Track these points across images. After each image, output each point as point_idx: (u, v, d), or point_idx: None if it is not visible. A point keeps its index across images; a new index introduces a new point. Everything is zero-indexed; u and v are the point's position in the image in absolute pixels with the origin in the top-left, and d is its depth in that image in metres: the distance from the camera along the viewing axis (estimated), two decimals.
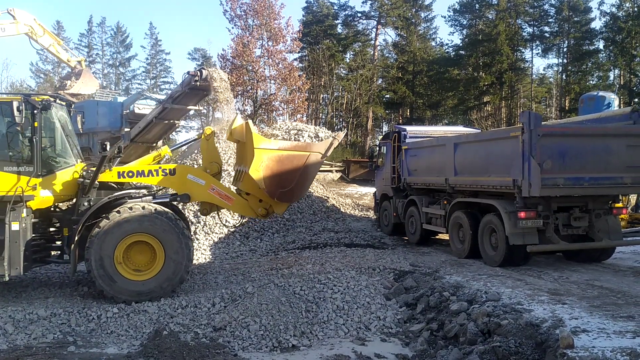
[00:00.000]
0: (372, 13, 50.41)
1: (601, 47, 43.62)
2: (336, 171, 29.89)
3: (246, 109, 37.15)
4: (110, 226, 8.70)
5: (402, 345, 7.35)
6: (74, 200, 9.33)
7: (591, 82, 43.66)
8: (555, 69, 50.44)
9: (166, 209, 9.26)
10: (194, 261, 11.27)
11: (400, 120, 49.19)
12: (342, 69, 50.00)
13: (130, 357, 6.70)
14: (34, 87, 55.56)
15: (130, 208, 8.89)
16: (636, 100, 38.41)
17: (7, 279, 8.38)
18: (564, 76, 46.79)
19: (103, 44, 66.40)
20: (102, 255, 8.66)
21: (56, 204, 9.37)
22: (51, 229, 9.43)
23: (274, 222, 16.47)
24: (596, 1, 60.02)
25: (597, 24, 44.84)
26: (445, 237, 13.22)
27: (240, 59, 35.43)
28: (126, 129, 19.04)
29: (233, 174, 11.34)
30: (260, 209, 10.08)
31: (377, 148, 17.56)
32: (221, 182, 10.69)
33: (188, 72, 17.52)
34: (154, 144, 20.27)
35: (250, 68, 36.03)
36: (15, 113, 8.24)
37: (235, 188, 10.52)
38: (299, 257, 12.62)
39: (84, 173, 9.20)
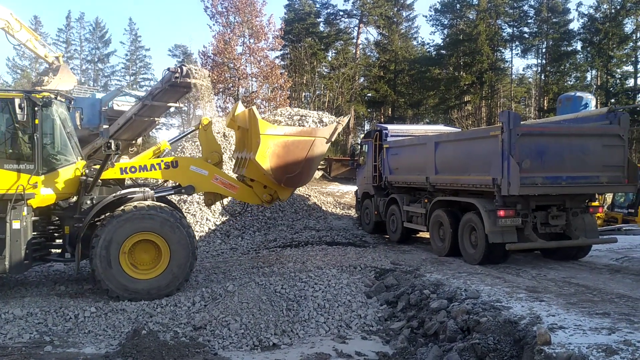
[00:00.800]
0: (354, 12, 50.58)
1: (579, 48, 44.41)
2: (318, 169, 29.87)
3: (227, 106, 36.93)
4: (118, 224, 8.64)
5: (382, 343, 7.37)
6: (75, 198, 9.22)
7: (569, 82, 44.37)
8: (534, 69, 51.20)
9: (171, 208, 9.29)
10: None
11: (382, 119, 49.38)
12: (324, 67, 50.01)
13: (108, 356, 6.61)
14: (10, 83, 54.53)
15: (136, 207, 8.84)
16: (612, 100, 39.16)
17: (8, 276, 8.29)
18: (542, 76, 47.48)
19: (81, 39, 65.51)
20: (108, 254, 8.58)
21: (56, 202, 9.21)
22: (51, 227, 9.33)
23: (255, 221, 16.42)
24: (574, 3, 60.81)
25: (575, 25, 45.63)
26: (426, 235, 13.30)
27: (221, 56, 35.22)
28: (105, 126, 18.76)
29: (232, 162, 11.24)
30: (265, 195, 10.15)
31: (359, 146, 17.61)
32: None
33: (168, 69, 17.30)
34: (134, 141, 20.03)
35: (232, 65, 35.84)
36: (17, 110, 8.15)
37: (236, 175, 10.50)
38: (280, 255, 12.60)
39: (87, 171, 9.11)
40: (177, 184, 10.01)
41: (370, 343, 7.38)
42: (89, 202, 9.03)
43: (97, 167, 9.17)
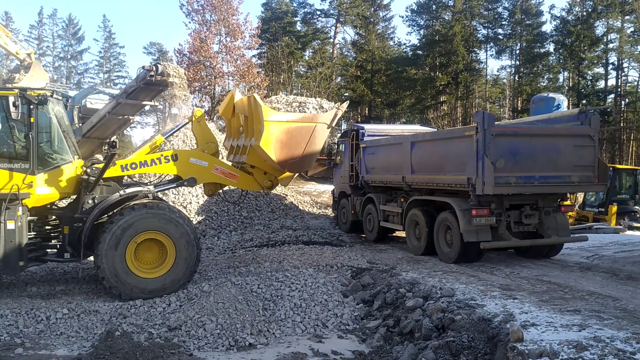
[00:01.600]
0: (331, 11, 50.71)
1: (551, 50, 45.17)
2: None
3: (204, 105, 36.64)
4: (124, 224, 8.60)
5: (359, 341, 7.41)
6: (73, 197, 9.13)
7: (542, 83, 45.11)
8: (508, 70, 51.92)
9: (174, 207, 9.30)
10: None
11: (359, 119, 49.56)
12: (301, 67, 49.97)
13: (81, 358, 6.52)
14: None
15: (145, 205, 8.88)
16: (584, 102, 39.96)
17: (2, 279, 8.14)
18: (516, 77, 48.19)
19: (54, 36, 64.27)
20: (114, 253, 8.54)
21: (53, 202, 9.07)
22: (47, 227, 9.24)
23: (232, 220, 16.34)
24: (547, 5, 61.95)
25: (547, 28, 46.37)
26: (402, 234, 13.39)
27: (197, 55, 34.89)
28: (77, 124, 18.45)
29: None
30: (266, 181, 10.29)
31: (336, 146, 17.64)
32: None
33: (143, 67, 17.06)
34: (107, 140, 19.72)
35: (208, 64, 35.54)
36: (12, 108, 8.00)
37: (231, 163, 10.54)
38: (257, 255, 12.55)
39: (89, 170, 8.96)
40: (174, 177, 10.00)
41: (347, 342, 7.41)
42: (90, 201, 8.94)
43: (99, 166, 9.04)
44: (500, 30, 48.21)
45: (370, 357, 6.75)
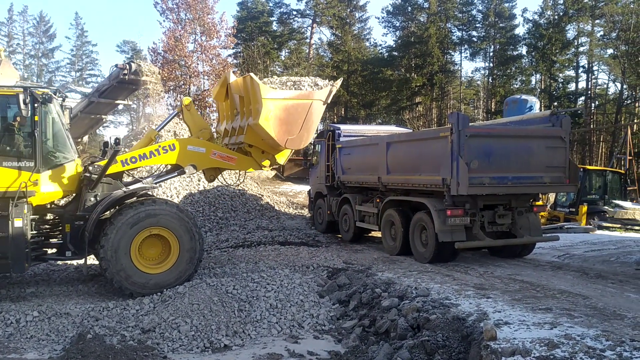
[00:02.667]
0: (308, 11, 50.73)
1: (524, 52, 45.96)
2: (271, 169, 29.76)
3: (178, 104, 36.26)
4: (129, 220, 8.70)
5: (334, 342, 7.41)
6: (72, 196, 9.16)
7: (515, 85, 45.84)
8: (482, 72, 52.67)
9: (174, 202, 9.51)
10: None
11: (335, 119, 49.67)
12: (277, 67, 49.85)
13: None
14: None
15: (147, 202, 9.05)
16: (555, 103, 40.73)
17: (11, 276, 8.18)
18: (490, 79, 48.89)
19: (24, 33, 62.65)
20: (118, 249, 8.60)
21: (53, 200, 9.08)
22: (47, 226, 9.23)
23: (207, 221, 16.21)
24: (520, 8, 62.98)
25: (520, 31, 47.32)
26: (378, 234, 13.45)
27: (172, 53, 34.56)
28: None
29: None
30: (264, 159, 10.41)
31: (312, 146, 17.62)
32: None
33: (116, 65, 16.85)
34: (80, 139, 19.39)
35: (183, 63, 35.22)
36: (22, 106, 8.06)
37: (225, 144, 10.71)
38: (232, 255, 12.47)
39: (91, 168, 9.01)
40: (172, 167, 10.09)
41: (323, 342, 7.40)
42: (92, 199, 8.98)
43: (100, 163, 9.12)
44: (474, 33, 48.97)
45: (346, 357, 6.75)
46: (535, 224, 11.09)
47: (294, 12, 51.68)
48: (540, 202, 12.02)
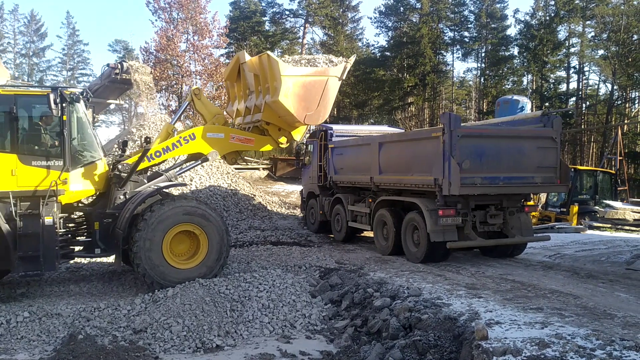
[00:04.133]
0: (300, 11, 50.64)
1: (516, 53, 46.18)
2: (263, 169, 29.74)
3: (170, 104, 36.14)
4: (160, 217, 8.89)
5: (327, 342, 7.41)
6: (98, 194, 9.37)
7: (507, 86, 46.05)
8: (474, 72, 52.89)
9: (202, 199, 9.96)
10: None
11: (327, 119, 49.63)
12: None
13: None
14: None
15: (178, 199, 9.35)
16: (547, 104, 40.94)
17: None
18: (482, 80, 49.09)
19: (15, 32, 62.17)
20: (151, 245, 8.78)
21: (80, 199, 9.28)
22: (73, 224, 9.43)
23: None
24: (512, 9, 63.29)
25: (512, 31, 47.50)
26: (370, 234, 13.46)
27: (164, 53, 34.45)
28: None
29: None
30: (281, 137, 10.71)
31: (304, 146, 17.61)
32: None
33: (108, 65, 16.76)
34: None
35: (175, 62, 35.11)
36: (52, 106, 8.21)
37: (239, 124, 10.92)
38: None
39: (120, 166, 9.21)
40: (189, 156, 10.38)
41: (315, 342, 7.40)
42: (122, 196, 9.21)
43: (128, 161, 9.33)
44: (466, 33, 49.16)
45: (338, 357, 6.75)
46: (527, 224, 11.13)
47: (287, 12, 51.68)
48: (531, 202, 12.08)
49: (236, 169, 22.68)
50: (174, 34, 34.89)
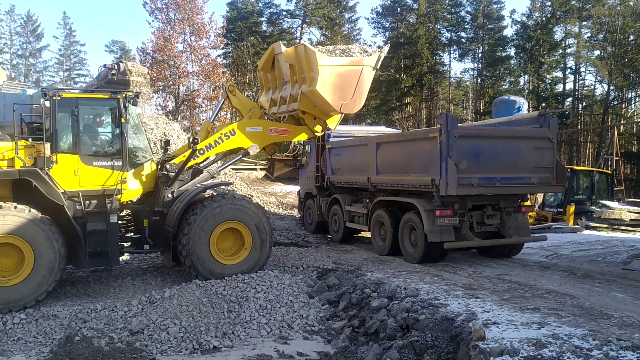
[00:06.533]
0: (297, 12, 50.65)
1: (512, 53, 46.26)
2: (260, 169, 29.71)
3: (167, 104, 36.11)
4: (211, 213, 9.34)
5: (324, 342, 7.41)
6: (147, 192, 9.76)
7: (504, 86, 46.11)
8: (471, 73, 52.88)
9: (246, 197, 10.67)
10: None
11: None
12: None
13: None
14: None
15: (227, 196, 9.77)
16: (543, 104, 41.02)
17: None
18: (479, 80, 49.15)
19: (12, 33, 61.93)
20: (199, 240, 9.23)
21: (132, 198, 9.71)
22: (122, 222, 9.78)
23: None
24: (508, 10, 63.43)
25: (509, 32, 47.47)
26: (368, 235, 13.47)
27: (161, 53, 34.40)
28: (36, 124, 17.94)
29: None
30: (316, 125, 10.92)
31: (302, 147, 17.61)
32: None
33: (105, 65, 16.76)
34: None
35: (172, 63, 35.06)
36: (122, 110, 8.90)
37: (274, 113, 11.15)
38: None
39: (168, 166, 9.57)
40: (227, 151, 10.60)
41: (312, 343, 7.40)
42: (170, 195, 9.64)
43: (175, 161, 9.72)
44: (463, 34, 49.22)
45: (336, 357, 6.76)
46: (524, 224, 11.16)
47: (284, 13, 51.68)
48: (528, 203, 12.09)
49: (233, 169, 22.68)
50: (170, 34, 34.84)
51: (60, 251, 8.33)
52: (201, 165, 10.27)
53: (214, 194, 10.07)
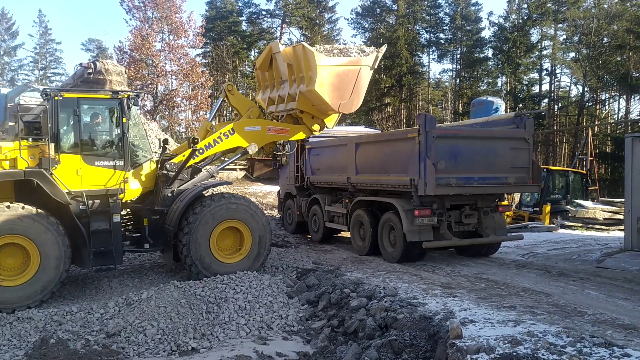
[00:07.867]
0: (277, 12, 50.55)
1: (490, 55, 46.81)
2: (240, 169, 29.57)
3: (145, 104, 35.72)
4: (211, 211, 9.47)
5: (303, 342, 7.42)
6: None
7: (482, 87, 46.64)
8: (450, 74, 53.38)
9: (246, 197, 10.75)
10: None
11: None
12: (246, 67, 49.57)
13: None
14: None
15: (226, 196, 9.94)
16: (520, 105, 41.58)
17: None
18: (457, 81, 49.61)
19: None
20: (200, 238, 9.35)
21: (133, 197, 9.69)
22: (123, 221, 9.76)
23: None
24: (486, 12, 64.15)
25: (486, 34, 48.08)
26: (347, 234, 13.49)
27: (139, 52, 34.02)
28: (10, 123, 17.58)
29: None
30: (314, 124, 10.99)
31: (282, 147, 17.54)
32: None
33: (81, 64, 16.48)
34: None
35: (150, 62, 34.70)
36: (126, 110, 8.97)
37: (271, 112, 11.22)
38: None
39: (167, 165, 9.64)
40: (225, 150, 10.62)
41: (291, 343, 7.40)
42: (169, 194, 9.70)
43: (175, 160, 9.79)
44: (442, 35, 49.67)
45: (315, 357, 6.77)
46: (501, 224, 11.29)
47: (264, 12, 51.55)
48: (505, 202, 12.24)
49: None
50: (148, 33, 34.49)
51: (66, 252, 8.38)
52: (200, 164, 10.27)
53: (214, 193, 10.11)
